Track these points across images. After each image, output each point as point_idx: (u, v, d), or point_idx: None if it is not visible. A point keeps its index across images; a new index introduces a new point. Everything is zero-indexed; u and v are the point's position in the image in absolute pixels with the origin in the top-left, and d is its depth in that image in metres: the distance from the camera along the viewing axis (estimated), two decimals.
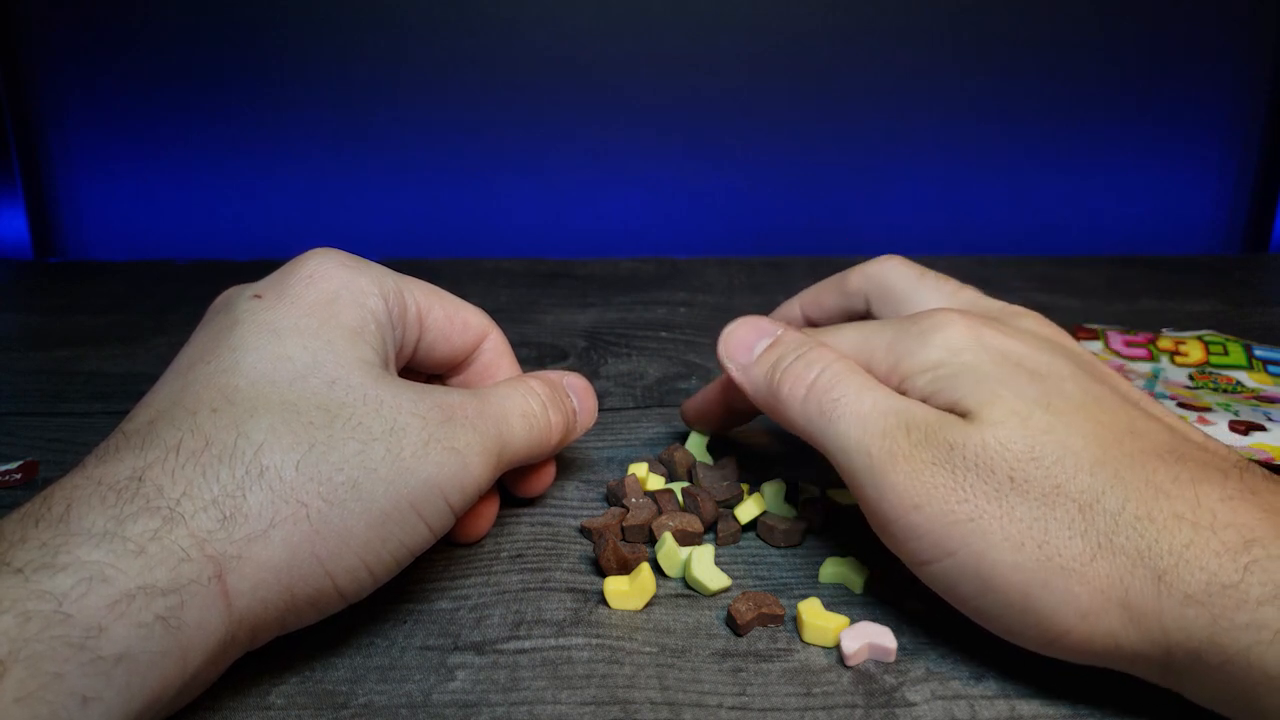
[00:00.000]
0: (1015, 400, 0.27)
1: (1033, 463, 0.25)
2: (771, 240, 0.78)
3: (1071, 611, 0.24)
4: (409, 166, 0.76)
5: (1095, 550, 0.24)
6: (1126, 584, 0.24)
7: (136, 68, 0.73)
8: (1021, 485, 0.25)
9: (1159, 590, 0.23)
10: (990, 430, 0.26)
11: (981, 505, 0.25)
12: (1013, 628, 0.26)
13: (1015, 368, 0.28)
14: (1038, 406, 0.26)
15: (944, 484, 0.26)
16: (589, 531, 0.33)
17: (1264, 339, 0.53)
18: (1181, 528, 0.24)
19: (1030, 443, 0.26)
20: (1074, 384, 0.27)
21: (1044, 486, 0.25)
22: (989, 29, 0.75)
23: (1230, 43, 0.76)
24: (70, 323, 0.57)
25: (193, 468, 0.24)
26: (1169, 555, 0.24)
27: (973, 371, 0.28)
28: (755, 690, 0.26)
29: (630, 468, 0.37)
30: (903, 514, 0.26)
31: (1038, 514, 0.25)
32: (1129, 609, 0.24)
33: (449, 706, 0.26)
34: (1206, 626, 0.23)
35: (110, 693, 0.20)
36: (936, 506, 0.26)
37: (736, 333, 0.33)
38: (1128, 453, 0.26)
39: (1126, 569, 0.24)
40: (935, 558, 0.26)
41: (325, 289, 0.28)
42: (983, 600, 0.26)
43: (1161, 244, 0.80)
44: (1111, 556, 0.24)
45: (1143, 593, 0.24)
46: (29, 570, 0.20)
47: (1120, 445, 0.26)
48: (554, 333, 0.56)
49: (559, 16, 0.73)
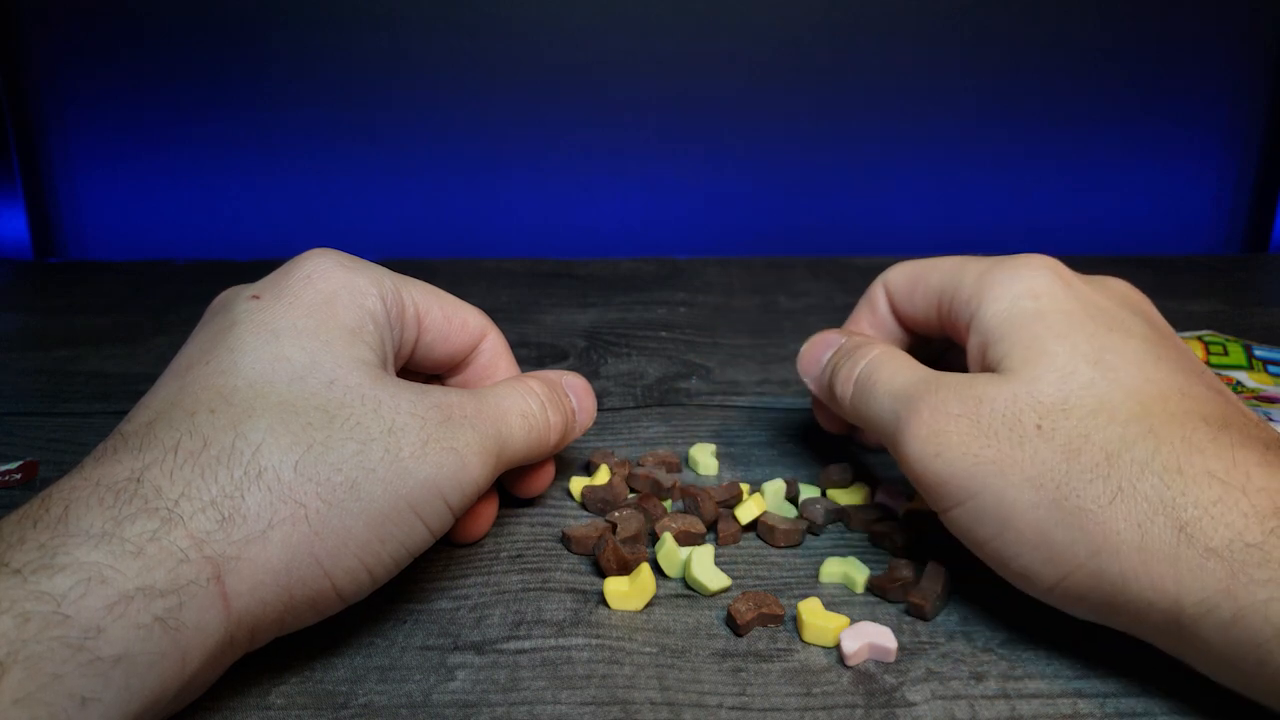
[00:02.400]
0: (1064, 356, 0.27)
1: (1063, 413, 0.26)
2: (771, 240, 0.78)
3: (1083, 549, 0.25)
4: (409, 166, 0.76)
5: (1115, 493, 0.25)
6: (1144, 528, 0.24)
7: (136, 68, 0.73)
8: (1048, 433, 0.26)
9: (1178, 539, 0.24)
10: (1024, 385, 0.27)
11: (1004, 450, 0.27)
12: (1027, 568, 0.26)
13: (1087, 318, 0.28)
14: (1086, 362, 0.27)
15: (967, 431, 0.27)
16: (569, 540, 0.33)
17: (1264, 339, 0.53)
18: (1212, 485, 0.24)
19: (1064, 395, 0.27)
20: (1140, 342, 0.28)
21: (1070, 435, 0.26)
22: (989, 29, 0.75)
23: (1230, 43, 0.76)
24: (70, 323, 0.57)
25: (191, 469, 0.24)
26: (1194, 508, 0.24)
27: (1040, 320, 0.29)
28: (755, 690, 0.26)
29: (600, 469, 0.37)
30: (928, 461, 0.28)
31: (1060, 459, 0.26)
32: (1143, 553, 0.24)
33: (449, 706, 0.26)
34: (1224, 579, 0.23)
35: (109, 694, 0.20)
36: (958, 452, 0.27)
37: (806, 352, 0.36)
38: (1171, 411, 0.26)
39: (1146, 514, 0.24)
40: (959, 500, 0.27)
41: (323, 289, 0.28)
42: (1000, 540, 0.27)
43: (1161, 244, 0.80)
44: (1132, 501, 0.24)
45: (1160, 539, 0.24)
46: (27, 571, 0.20)
47: (1165, 403, 0.26)
48: (554, 333, 0.56)
49: (559, 16, 0.73)
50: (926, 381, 0.29)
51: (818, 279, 0.66)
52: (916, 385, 0.29)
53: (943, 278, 0.33)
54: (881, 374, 0.31)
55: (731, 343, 0.54)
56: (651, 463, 0.39)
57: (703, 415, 0.45)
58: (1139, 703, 0.26)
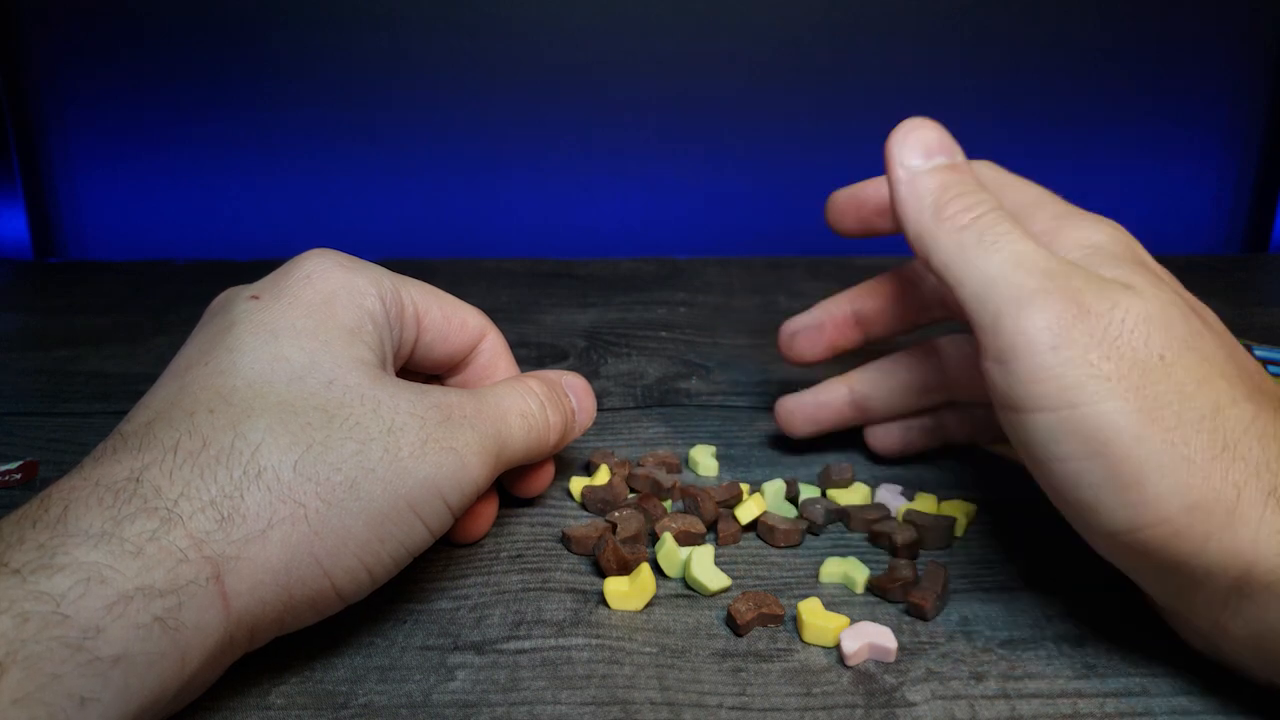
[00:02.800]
0: (1172, 295, 0.27)
1: (1189, 351, 0.25)
2: (771, 240, 0.78)
3: (1179, 502, 0.24)
4: (409, 166, 0.76)
5: (1219, 450, 0.24)
6: (1240, 490, 0.24)
7: (136, 68, 0.73)
8: (1171, 366, 0.25)
9: (1267, 504, 0.23)
10: (1158, 305, 0.26)
11: (1125, 369, 0.25)
12: (1104, 504, 0.25)
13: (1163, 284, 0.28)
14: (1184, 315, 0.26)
15: (1093, 334, 0.25)
16: (569, 540, 0.33)
17: (1264, 339, 0.53)
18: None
19: (1187, 332, 0.26)
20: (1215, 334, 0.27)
21: (1191, 376, 0.25)
22: (989, 29, 0.75)
23: (1230, 43, 0.76)
24: (70, 323, 0.57)
25: (190, 469, 0.24)
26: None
27: (1134, 261, 0.28)
28: (755, 690, 0.26)
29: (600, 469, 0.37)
30: (1039, 351, 0.25)
31: (1175, 398, 0.24)
32: (1234, 515, 0.24)
33: (449, 706, 0.26)
34: None
35: (108, 694, 0.20)
36: (1078, 352, 0.25)
37: (918, 132, 0.30)
38: (1258, 384, 0.26)
39: (1244, 476, 0.24)
40: (1054, 406, 0.25)
41: (322, 289, 0.28)
42: (1085, 464, 0.25)
43: (1161, 244, 0.79)
44: (1233, 461, 0.24)
45: (1253, 501, 0.24)
46: (26, 571, 0.20)
47: (1253, 377, 0.26)
48: (554, 333, 0.56)
49: (559, 16, 0.73)
50: (1063, 263, 0.27)
51: (818, 279, 0.66)
52: (1050, 261, 0.27)
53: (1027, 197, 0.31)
54: (1011, 233, 0.28)
55: (731, 343, 0.54)
56: (651, 463, 0.39)
57: (703, 415, 0.45)
58: (1139, 703, 0.26)
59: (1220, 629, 0.25)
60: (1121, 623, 0.29)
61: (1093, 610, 0.30)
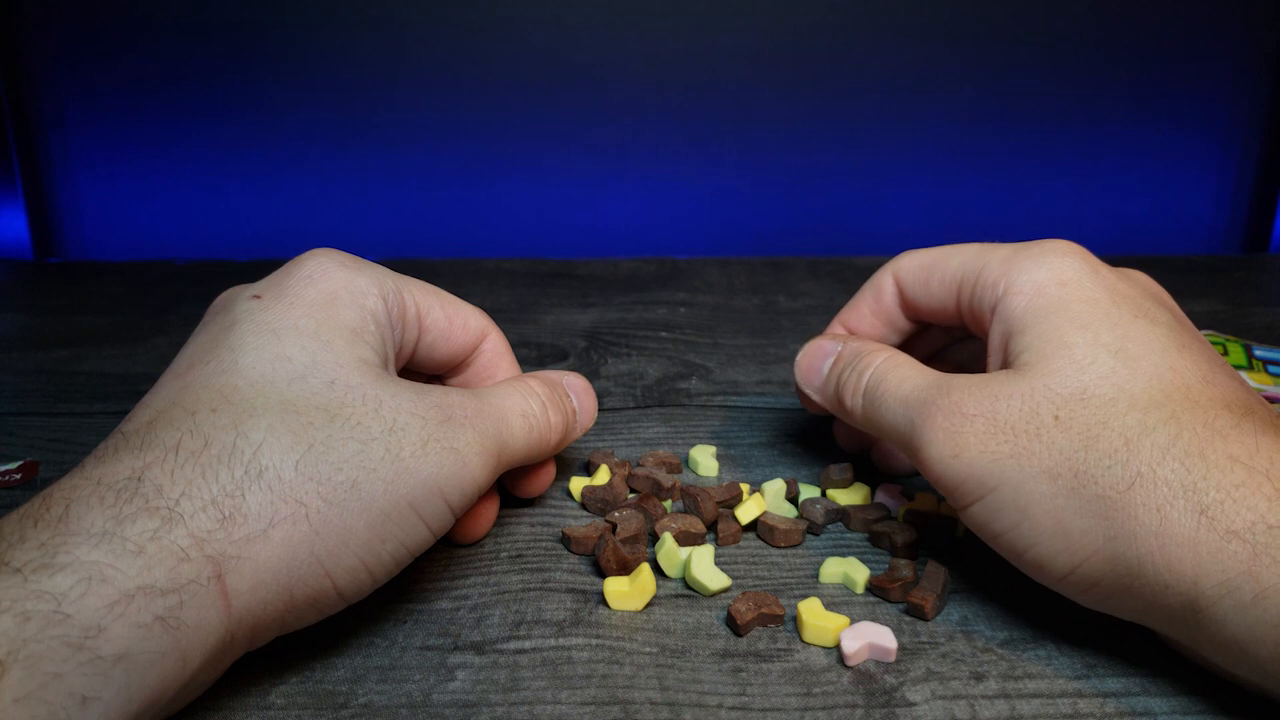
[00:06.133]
0: (1084, 347, 0.27)
1: (1081, 403, 0.26)
2: (771, 240, 0.78)
3: (1099, 534, 0.25)
4: (409, 166, 0.76)
5: (1134, 479, 0.25)
6: (1163, 513, 0.24)
7: (136, 68, 0.73)
8: (1065, 423, 0.26)
9: (1199, 523, 0.24)
10: (1041, 379, 0.27)
11: (1022, 443, 0.27)
12: (1042, 556, 0.26)
13: (1112, 305, 0.28)
14: (1107, 351, 0.27)
15: (984, 430, 0.27)
16: (569, 540, 0.33)
17: (1264, 339, 0.53)
18: (1235, 469, 0.24)
19: (1082, 386, 0.27)
20: (1165, 330, 0.28)
21: (1088, 423, 0.26)
22: (989, 29, 0.75)
23: (1230, 43, 0.76)
24: (70, 323, 0.57)
25: (192, 468, 0.24)
26: (1216, 491, 0.24)
27: (1063, 310, 0.28)
28: (755, 690, 0.26)
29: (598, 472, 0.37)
30: (946, 463, 0.28)
31: (1078, 447, 0.26)
32: (1161, 537, 0.24)
33: (449, 706, 0.26)
34: (1246, 560, 0.23)
35: (109, 693, 0.20)
36: (975, 451, 0.27)
37: (803, 360, 0.35)
38: (1194, 399, 0.26)
39: (1165, 499, 0.24)
40: (978, 496, 0.27)
41: (324, 289, 0.28)
42: (1018, 532, 0.27)
43: (1161, 244, 0.80)
44: (1151, 486, 0.25)
45: (1180, 523, 0.24)
46: (28, 570, 0.20)
47: (1188, 391, 0.26)
48: (554, 333, 0.56)
49: (559, 16, 0.73)
50: (937, 385, 0.29)
51: (818, 279, 0.66)
52: (927, 389, 0.29)
53: (964, 264, 0.32)
54: (889, 381, 0.31)
55: (731, 343, 0.54)
56: (651, 463, 0.39)
57: (703, 416, 0.45)
58: (1139, 703, 0.26)
59: (1196, 643, 0.25)
60: (1121, 623, 0.29)
61: (1093, 610, 0.30)
